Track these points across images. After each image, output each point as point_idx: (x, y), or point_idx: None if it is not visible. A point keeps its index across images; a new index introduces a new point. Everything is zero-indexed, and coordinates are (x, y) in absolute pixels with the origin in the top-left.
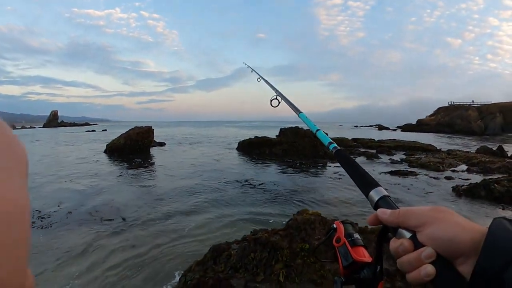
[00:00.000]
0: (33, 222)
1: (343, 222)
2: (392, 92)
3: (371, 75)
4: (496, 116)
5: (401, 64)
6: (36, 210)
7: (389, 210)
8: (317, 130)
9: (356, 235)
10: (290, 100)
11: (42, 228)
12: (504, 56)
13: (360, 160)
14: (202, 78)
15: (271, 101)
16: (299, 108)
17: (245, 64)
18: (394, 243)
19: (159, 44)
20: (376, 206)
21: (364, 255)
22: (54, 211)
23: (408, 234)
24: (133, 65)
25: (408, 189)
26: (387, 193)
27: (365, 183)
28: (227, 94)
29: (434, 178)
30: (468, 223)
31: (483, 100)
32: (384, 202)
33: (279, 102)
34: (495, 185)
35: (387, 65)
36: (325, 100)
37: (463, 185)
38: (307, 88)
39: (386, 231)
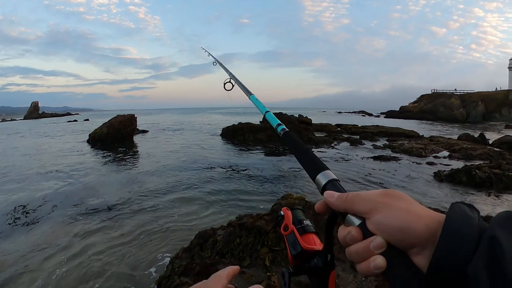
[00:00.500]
0: (18, 218)
1: (292, 208)
2: (376, 79)
3: (356, 62)
4: (478, 105)
5: (385, 51)
6: (21, 206)
7: (337, 193)
8: (266, 111)
9: (307, 222)
10: (243, 83)
11: (27, 224)
12: (487, 46)
13: (343, 145)
14: (185, 64)
15: (224, 84)
16: (250, 90)
17: (203, 48)
18: (342, 231)
19: (141, 31)
20: (323, 190)
21: (315, 242)
22: (39, 206)
23: (357, 221)
24: (115, 52)
25: (392, 174)
26: (336, 177)
27: (313, 166)
28: (210, 80)
29: (417, 163)
30: (423, 210)
31: (466, 89)
32: (332, 186)
33: (232, 85)
34: (477, 171)
35: (372, 52)
36: (308, 86)
37: (444, 171)
38: (291, 74)
39: (336, 217)
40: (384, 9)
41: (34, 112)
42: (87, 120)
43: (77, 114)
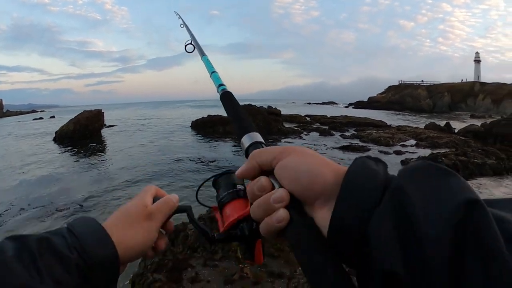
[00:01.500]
0: None
1: (224, 173)
2: (345, 71)
3: (325, 54)
4: (444, 96)
5: (354, 44)
6: None
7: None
8: (213, 72)
9: (240, 186)
10: (200, 45)
11: None
12: (454, 40)
13: (312, 135)
14: (153, 57)
15: (185, 46)
16: (204, 51)
17: (176, 13)
18: (251, 182)
19: (107, 22)
20: (246, 153)
21: (244, 208)
22: (6, 210)
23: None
24: (80, 45)
25: None
26: (262, 140)
27: (241, 127)
28: (179, 73)
29: (384, 152)
30: (330, 161)
31: (432, 80)
32: (256, 148)
33: (194, 47)
34: (443, 158)
35: (341, 44)
36: (277, 78)
37: (412, 159)
38: (261, 65)
39: None
40: (353, 2)
41: None
42: (53, 117)
43: (43, 111)
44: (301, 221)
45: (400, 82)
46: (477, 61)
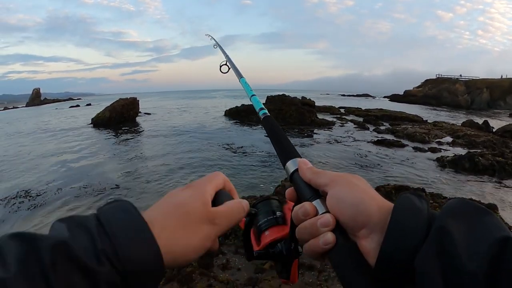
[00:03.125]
0: (22, 202)
1: (264, 199)
2: (380, 62)
3: (360, 44)
4: (483, 92)
5: (390, 34)
6: (23, 190)
7: (310, 164)
8: (252, 95)
9: (280, 213)
10: (236, 66)
11: (31, 208)
12: (494, 33)
13: (346, 128)
14: (187, 46)
15: (220, 67)
16: (241, 73)
17: (207, 34)
18: (296, 207)
19: (141, 13)
20: (291, 178)
21: (281, 232)
22: (44, 190)
23: (314, 199)
24: (115, 36)
25: (393, 159)
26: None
27: (285, 152)
28: (212, 62)
29: (419, 148)
30: (377, 194)
31: (471, 75)
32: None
33: (229, 68)
34: (480, 158)
35: (376, 35)
36: (311, 69)
37: (447, 157)
38: (294, 55)
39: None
40: None
41: (36, 99)
42: (89, 104)
43: (79, 99)
44: (347, 246)
45: (438, 75)
46: None
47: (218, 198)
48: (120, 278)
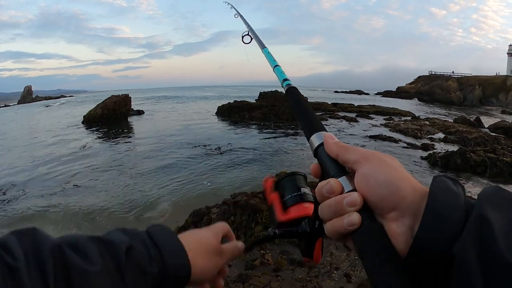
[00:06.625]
0: None
1: (292, 174)
2: (373, 58)
3: (354, 40)
4: (475, 89)
5: (384, 30)
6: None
7: (336, 139)
8: (276, 65)
9: (305, 189)
10: (258, 36)
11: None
12: (487, 31)
13: (338, 124)
14: (179, 43)
15: (242, 37)
16: (264, 43)
17: (226, 2)
18: (320, 183)
19: (134, 9)
20: (315, 153)
21: (305, 210)
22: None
23: (340, 176)
24: (107, 32)
25: (386, 152)
26: None
27: (309, 125)
28: (205, 59)
29: (412, 144)
30: (411, 176)
31: (463, 72)
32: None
33: (251, 38)
34: (471, 154)
35: (370, 31)
36: (304, 65)
37: (439, 153)
38: (287, 51)
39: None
40: None
41: (28, 96)
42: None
43: (71, 96)
44: (373, 228)
45: (430, 72)
46: (511, 54)
47: (223, 240)
48: (161, 280)
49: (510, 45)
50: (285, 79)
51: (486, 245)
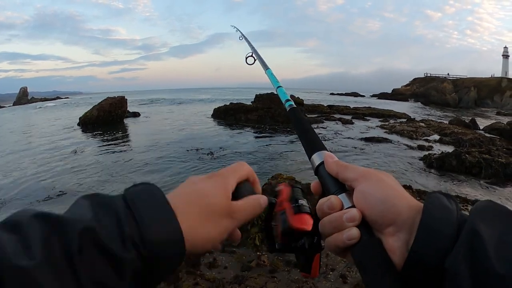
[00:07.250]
0: None
1: (292, 186)
2: (369, 61)
3: (349, 43)
4: (471, 90)
5: (380, 33)
6: None
7: (336, 158)
8: (278, 86)
9: (302, 201)
10: (262, 57)
11: None
12: (483, 33)
13: (334, 126)
14: (176, 44)
15: (246, 58)
16: (267, 65)
17: (232, 25)
18: (321, 200)
19: (130, 11)
20: (316, 171)
21: (306, 223)
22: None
23: (340, 193)
24: (104, 34)
25: (379, 155)
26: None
27: (310, 144)
28: (201, 61)
29: (407, 145)
30: (407, 193)
31: (459, 74)
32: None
33: (254, 60)
34: (467, 155)
35: (366, 33)
36: (300, 67)
37: (434, 154)
38: (283, 54)
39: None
40: None
41: (23, 97)
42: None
43: (67, 98)
44: (371, 242)
45: (426, 74)
46: (505, 56)
47: (239, 191)
48: (144, 263)
49: (505, 47)
50: (287, 100)
51: (477, 258)
